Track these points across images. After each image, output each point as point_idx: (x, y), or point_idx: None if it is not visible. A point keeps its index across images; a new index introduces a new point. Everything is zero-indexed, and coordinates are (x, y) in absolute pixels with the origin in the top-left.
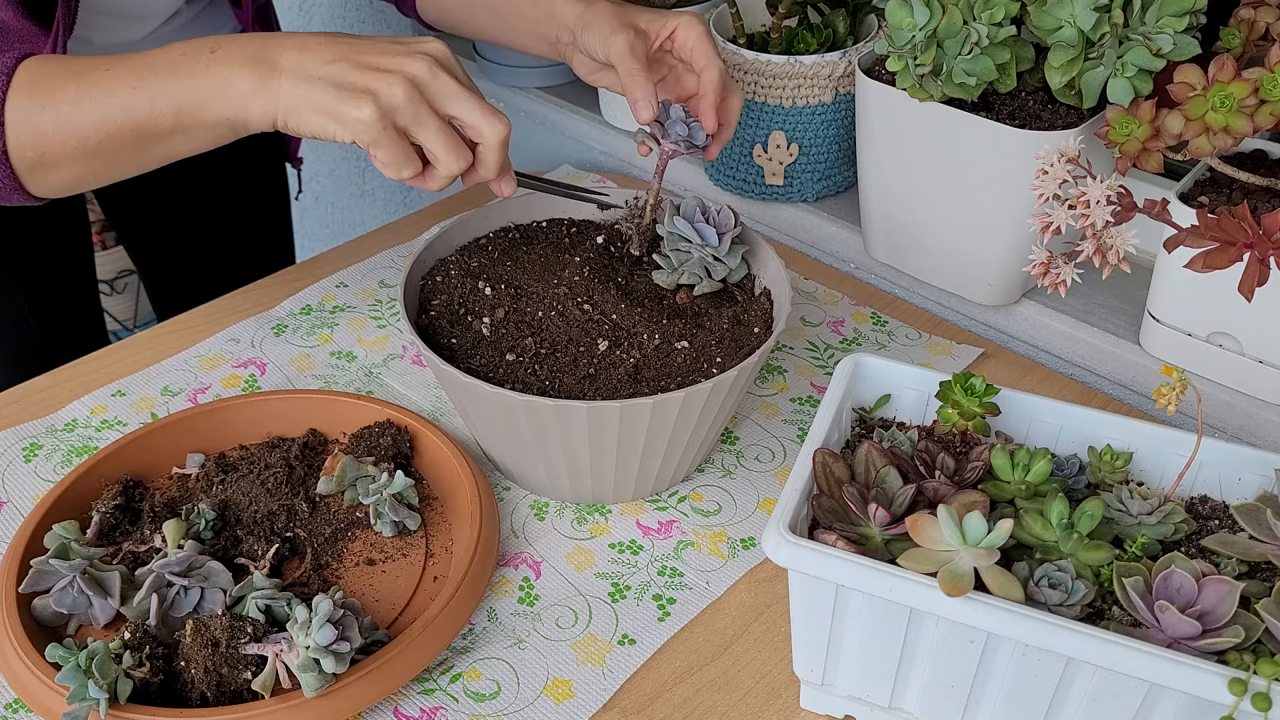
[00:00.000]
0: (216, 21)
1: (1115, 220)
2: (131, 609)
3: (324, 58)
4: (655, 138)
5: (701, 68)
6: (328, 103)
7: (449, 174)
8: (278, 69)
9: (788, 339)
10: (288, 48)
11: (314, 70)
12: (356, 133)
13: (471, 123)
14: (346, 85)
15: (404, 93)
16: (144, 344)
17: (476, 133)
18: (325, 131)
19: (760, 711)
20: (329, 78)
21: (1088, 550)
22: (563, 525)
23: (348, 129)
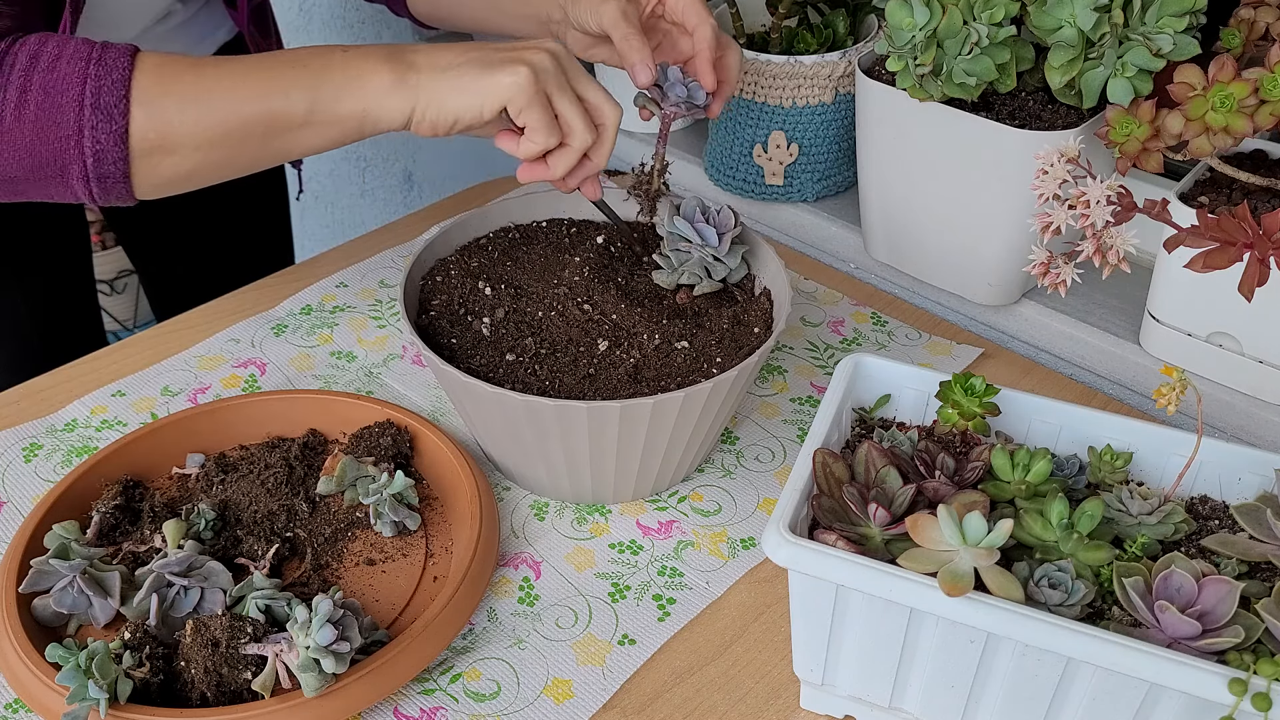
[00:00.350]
0: (213, 23)
1: (1115, 220)
2: (131, 609)
3: (456, 52)
4: (656, 102)
5: (694, 26)
6: (474, 79)
7: (581, 146)
8: (414, 65)
9: (788, 339)
10: (419, 50)
11: (451, 61)
12: (512, 95)
13: (596, 103)
14: (490, 63)
15: (550, 60)
16: (144, 344)
17: (599, 112)
18: (472, 109)
19: (760, 711)
20: (470, 63)
21: (1088, 550)
22: (563, 525)
23: (501, 92)
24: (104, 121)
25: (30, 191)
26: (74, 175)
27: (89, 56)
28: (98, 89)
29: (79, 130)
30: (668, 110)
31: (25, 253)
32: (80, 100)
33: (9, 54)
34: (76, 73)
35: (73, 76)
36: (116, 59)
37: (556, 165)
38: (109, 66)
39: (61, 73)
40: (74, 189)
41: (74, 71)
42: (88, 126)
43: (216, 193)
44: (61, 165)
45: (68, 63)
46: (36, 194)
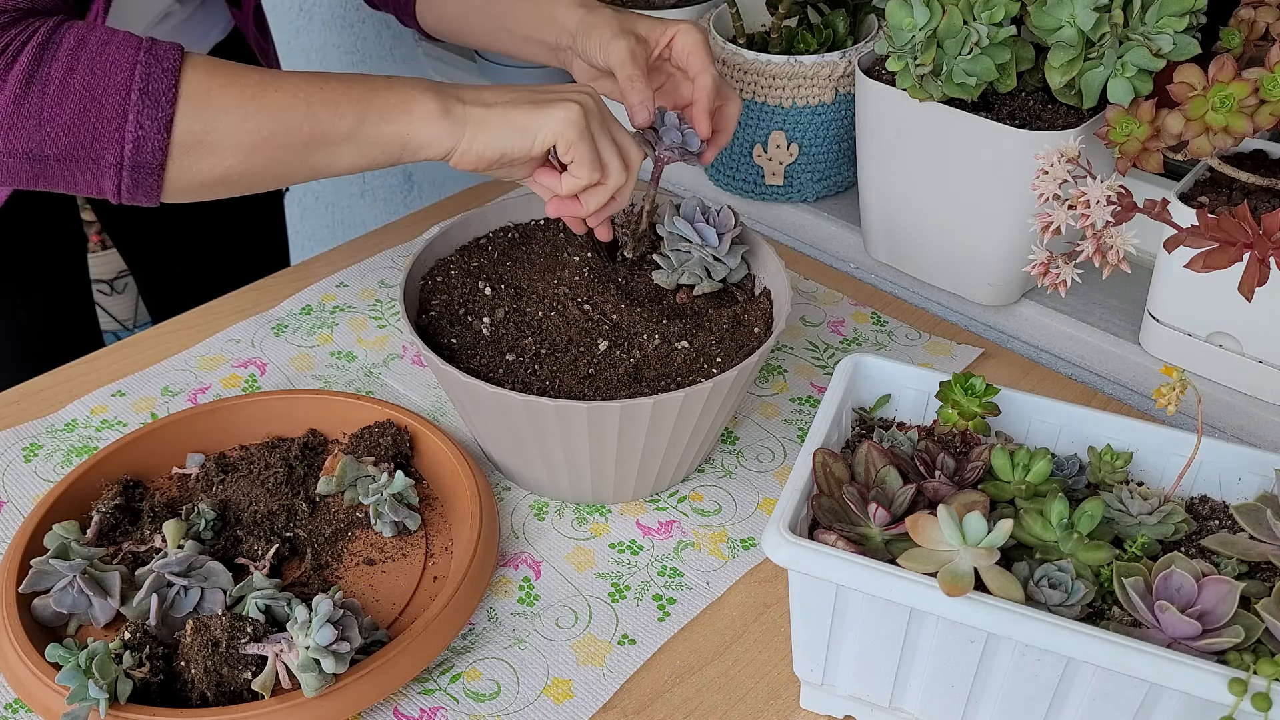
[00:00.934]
0: (208, 23)
1: (1115, 220)
2: (131, 609)
3: (500, 92)
4: (650, 144)
5: (695, 74)
6: (527, 116)
7: (615, 185)
8: (461, 99)
9: (788, 339)
10: (464, 87)
11: (498, 100)
12: (563, 130)
13: (625, 145)
14: (538, 102)
15: (594, 102)
16: (144, 344)
17: (628, 155)
18: (521, 145)
19: (760, 711)
20: (516, 101)
21: (1088, 550)
22: (563, 525)
23: (552, 128)
24: (150, 107)
25: (54, 175)
26: (107, 161)
27: (139, 44)
28: (148, 74)
29: (123, 114)
30: (661, 154)
31: (23, 254)
32: (129, 84)
33: (57, 32)
34: (127, 57)
35: (123, 59)
36: (168, 50)
37: (589, 202)
38: (160, 55)
39: (111, 56)
40: (102, 178)
41: (124, 55)
42: (133, 110)
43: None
44: (98, 149)
45: (118, 46)
46: (60, 179)
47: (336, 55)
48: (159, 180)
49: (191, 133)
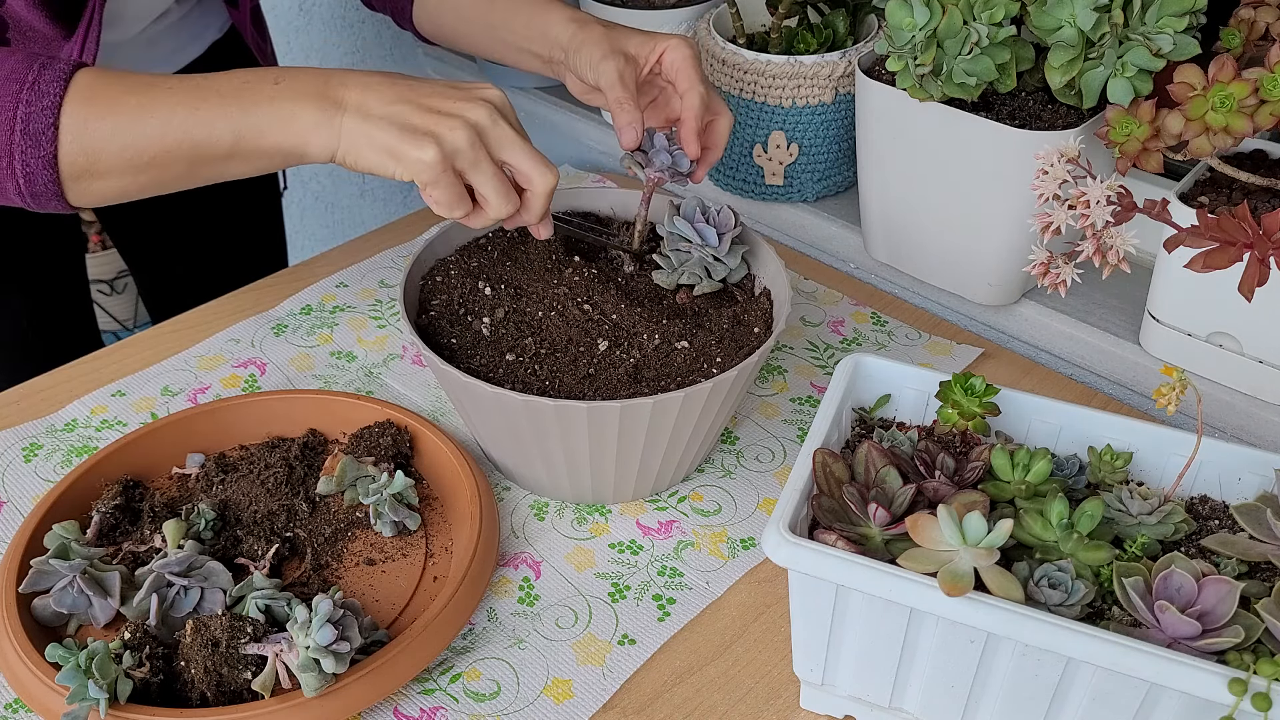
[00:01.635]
0: (204, 22)
1: (1115, 220)
2: (131, 609)
3: (386, 98)
4: (640, 165)
5: (683, 91)
6: (390, 142)
7: (497, 217)
8: (341, 106)
9: (788, 339)
10: (351, 86)
11: (376, 110)
12: (416, 173)
13: (524, 171)
14: (409, 127)
15: (465, 138)
16: (144, 344)
17: (527, 180)
18: (384, 169)
19: (760, 711)
20: (391, 118)
21: (1088, 550)
22: (563, 525)
23: (408, 169)
24: (32, 147)
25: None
26: (10, 190)
27: (24, 79)
28: (28, 115)
29: (9, 152)
30: (651, 175)
31: (21, 255)
32: (11, 125)
33: None
34: (9, 96)
35: (5, 100)
36: (50, 83)
37: (473, 223)
38: (41, 91)
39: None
40: (13, 200)
41: (8, 94)
42: (18, 150)
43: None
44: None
45: (3, 83)
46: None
47: (336, 55)
48: (61, 202)
49: (76, 164)
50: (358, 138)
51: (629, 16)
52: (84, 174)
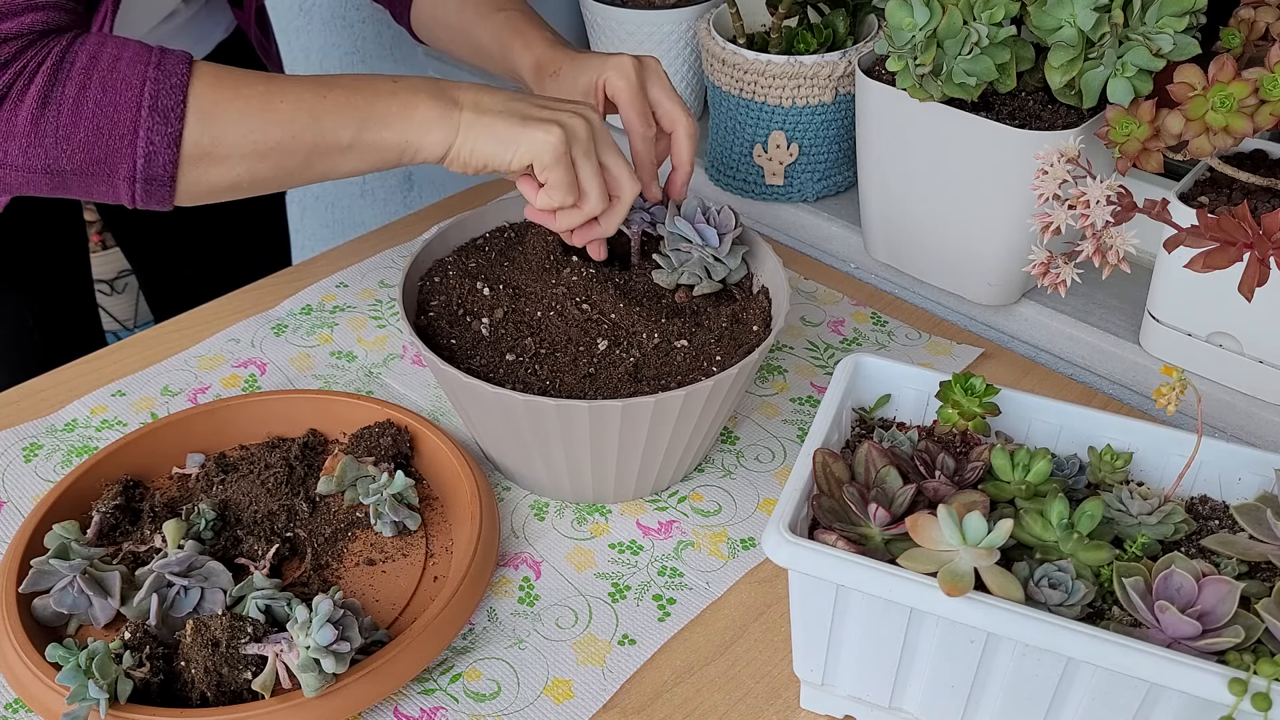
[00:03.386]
0: (211, 22)
1: (1115, 220)
2: (131, 609)
3: (500, 99)
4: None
5: (627, 127)
6: (510, 130)
7: (591, 212)
8: (458, 103)
9: (787, 339)
10: (464, 88)
11: (493, 107)
12: (540, 153)
13: (619, 176)
14: (530, 116)
15: (584, 127)
16: (144, 344)
17: (619, 186)
18: (501, 157)
19: (760, 711)
20: (510, 111)
21: (1088, 550)
22: (563, 525)
23: (531, 148)
24: (160, 124)
25: (73, 187)
26: (121, 174)
27: (149, 59)
28: (156, 91)
29: (134, 130)
30: (635, 231)
31: (24, 254)
32: (139, 101)
33: (70, 50)
34: (137, 74)
35: (133, 77)
36: (176, 64)
37: (562, 221)
38: (168, 71)
39: (122, 72)
40: (118, 188)
41: (134, 72)
42: (143, 127)
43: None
44: (112, 163)
45: (128, 64)
46: (78, 190)
47: (336, 55)
48: (170, 190)
49: (200, 145)
50: (478, 129)
51: (629, 16)
52: (205, 157)
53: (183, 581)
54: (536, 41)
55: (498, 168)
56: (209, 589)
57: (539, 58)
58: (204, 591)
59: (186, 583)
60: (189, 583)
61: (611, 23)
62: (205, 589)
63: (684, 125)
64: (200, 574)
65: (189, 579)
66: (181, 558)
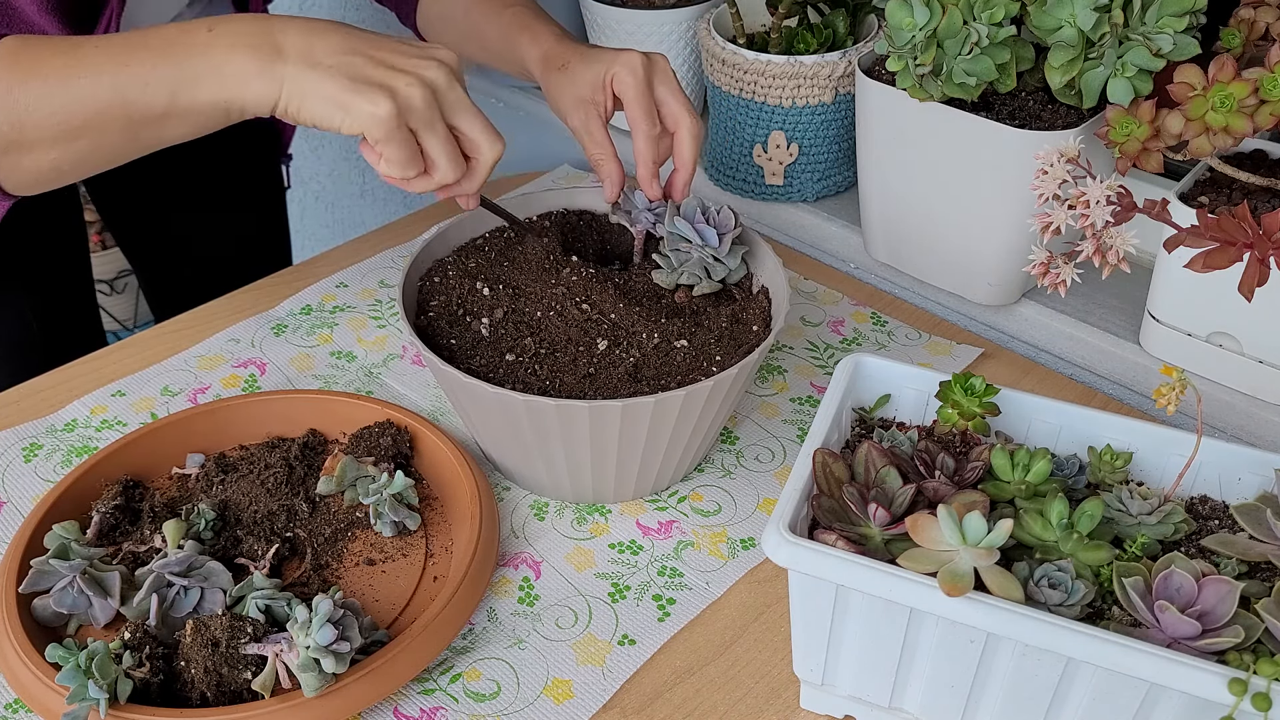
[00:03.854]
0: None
1: (1115, 220)
2: (131, 609)
3: (334, 47)
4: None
5: (632, 127)
6: (339, 93)
7: (442, 181)
8: (282, 53)
9: (787, 339)
10: (291, 31)
11: (324, 58)
12: (369, 127)
13: (474, 138)
14: (361, 78)
15: (422, 96)
16: (144, 344)
17: (475, 148)
18: (330, 121)
19: (760, 711)
20: (341, 68)
21: (1088, 550)
22: (563, 525)
23: (359, 121)
24: None
25: None
26: None
27: None
28: None
29: None
30: (639, 229)
31: (24, 255)
32: None
33: None
34: None
35: None
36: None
37: (414, 188)
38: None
39: None
40: None
41: None
42: None
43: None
44: None
45: None
46: None
47: None
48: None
49: (2, 135)
50: (303, 86)
51: (629, 16)
52: (11, 147)
53: (183, 581)
54: (544, 36)
55: (329, 130)
56: (209, 589)
57: (546, 51)
58: (204, 591)
59: (186, 583)
60: (189, 583)
61: (611, 23)
62: (205, 589)
63: (687, 125)
64: (200, 574)
65: (189, 579)
66: (181, 558)
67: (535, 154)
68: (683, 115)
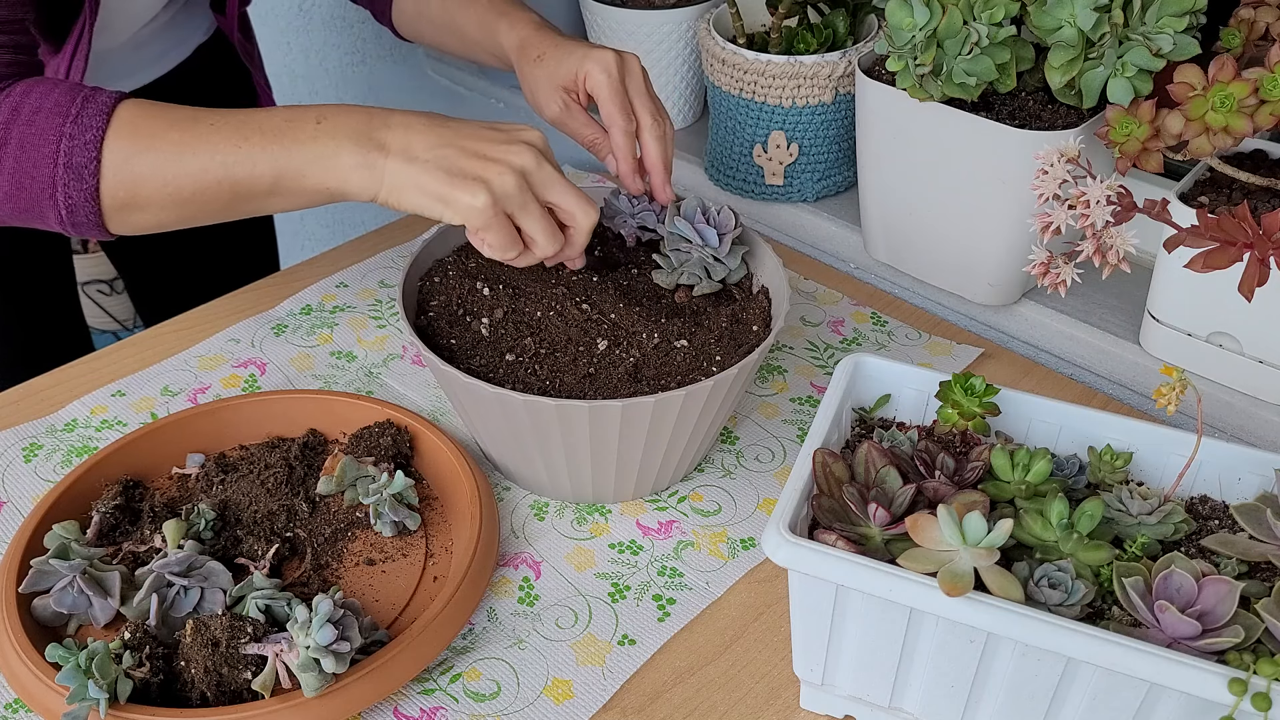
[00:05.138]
0: (191, 25)
1: (1115, 220)
2: (131, 609)
3: (430, 141)
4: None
5: (607, 125)
6: (438, 187)
7: (543, 255)
8: (385, 148)
9: (787, 339)
10: (394, 127)
11: (421, 154)
12: (469, 218)
13: (569, 209)
14: (457, 171)
15: (514, 183)
16: (144, 344)
17: (571, 218)
18: (432, 212)
19: (760, 711)
20: (437, 162)
21: (1088, 550)
22: (563, 525)
23: (460, 213)
24: (75, 180)
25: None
26: (52, 220)
27: (67, 112)
28: (70, 149)
29: (52, 185)
30: (629, 235)
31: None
32: (55, 158)
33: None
34: (53, 129)
35: (49, 133)
36: (94, 116)
37: (519, 264)
38: (84, 125)
39: (39, 127)
40: (53, 227)
41: (50, 127)
42: (60, 183)
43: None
44: (40, 211)
45: (46, 117)
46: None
47: (336, 55)
48: (103, 230)
49: (117, 198)
50: (403, 180)
51: (629, 16)
52: (125, 206)
53: (183, 581)
54: (522, 22)
55: (431, 219)
56: (209, 589)
57: (524, 39)
58: (204, 591)
59: (186, 583)
60: (189, 583)
61: (611, 23)
62: (205, 589)
63: (648, 128)
64: (200, 574)
65: (189, 579)
66: (181, 558)
67: None
68: (645, 117)
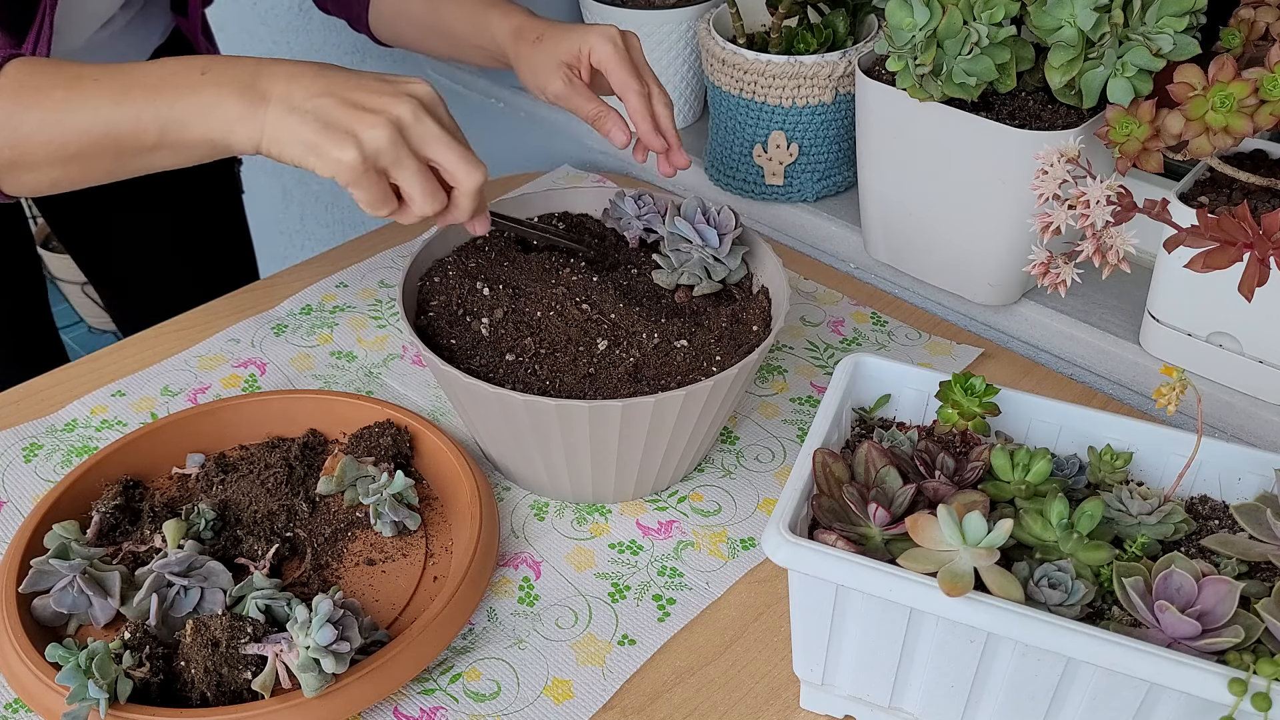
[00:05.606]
0: (149, 27)
1: (1115, 220)
2: (131, 609)
3: (311, 90)
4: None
5: (620, 93)
6: (311, 137)
7: (421, 214)
8: (266, 97)
9: (787, 339)
10: (278, 76)
11: (300, 103)
12: (337, 172)
13: (449, 168)
14: (331, 122)
15: (386, 136)
16: (144, 344)
17: (453, 178)
18: (306, 163)
19: (760, 711)
20: (315, 112)
21: (1088, 550)
22: (563, 525)
23: (329, 166)
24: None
25: None
26: None
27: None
28: None
29: None
30: (632, 237)
31: None
32: None
33: None
34: None
35: None
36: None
37: (401, 219)
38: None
39: None
40: None
41: None
42: None
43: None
44: None
45: None
46: None
47: (336, 55)
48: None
49: (4, 157)
50: (281, 131)
51: (629, 17)
52: (13, 165)
53: (183, 581)
54: (514, 11)
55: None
56: (209, 589)
57: (518, 25)
58: (204, 591)
59: (186, 583)
60: (189, 583)
61: (612, 22)
62: (205, 589)
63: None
64: (200, 574)
65: (189, 579)
66: (181, 558)
67: (535, 154)
68: (654, 86)
